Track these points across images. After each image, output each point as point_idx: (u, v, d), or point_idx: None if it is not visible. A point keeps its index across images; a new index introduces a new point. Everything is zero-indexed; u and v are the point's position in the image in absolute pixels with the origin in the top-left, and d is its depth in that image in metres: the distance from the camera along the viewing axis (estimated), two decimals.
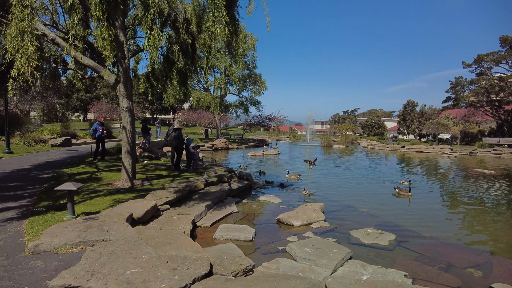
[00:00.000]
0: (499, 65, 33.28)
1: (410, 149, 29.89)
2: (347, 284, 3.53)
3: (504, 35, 32.55)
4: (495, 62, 32.96)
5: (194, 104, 31.96)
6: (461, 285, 4.23)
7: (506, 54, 32.13)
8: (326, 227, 6.55)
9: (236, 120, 45.81)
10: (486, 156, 25.90)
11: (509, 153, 25.35)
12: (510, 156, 24.81)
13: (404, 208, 8.68)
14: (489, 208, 8.63)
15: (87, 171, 9.72)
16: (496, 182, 12.93)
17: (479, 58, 33.93)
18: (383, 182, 12.57)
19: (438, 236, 6.27)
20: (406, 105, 45.43)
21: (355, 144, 38.65)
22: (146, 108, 56.09)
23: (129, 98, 8.03)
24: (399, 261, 4.96)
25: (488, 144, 29.74)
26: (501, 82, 32.53)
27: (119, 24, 7.47)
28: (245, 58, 29.96)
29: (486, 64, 33.84)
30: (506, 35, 32.37)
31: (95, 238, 4.20)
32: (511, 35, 31.96)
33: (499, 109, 34.38)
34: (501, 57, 32.37)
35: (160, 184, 8.51)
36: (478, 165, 19.37)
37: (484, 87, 33.45)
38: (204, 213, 6.79)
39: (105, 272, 3.27)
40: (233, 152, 25.52)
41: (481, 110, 35.26)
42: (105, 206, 6.02)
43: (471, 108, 36.45)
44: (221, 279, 3.45)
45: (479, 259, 5.22)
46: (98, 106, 37.57)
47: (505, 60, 32.55)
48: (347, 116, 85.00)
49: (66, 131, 18.67)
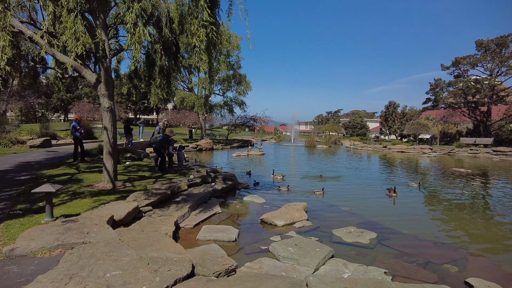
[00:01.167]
0: (475, 68, 34.49)
1: (392, 149, 30.56)
2: (329, 282, 3.58)
3: (479, 39, 33.78)
4: (471, 65, 34.14)
5: (178, 104, 31.65)
6: (437, 281, 4.36)
7: (481, 57, 33.33)
8: (309, 227, 6.63)
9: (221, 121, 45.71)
10: (463, 155, 26.76)
11: (485, 153, 26.29)
12: (485, 155, 25.74)
13: (385, 207, 8.87)
14: (466, 206, 8.92)
15: (68, 172, 9.48)
16: (472, 181, 13.39)
17: (457, 61, 35.08)
18: (365, 181, 12.81)
19: (417, 234, 6.43)
20: (388, 106, 46.40)
21: (338, 144, 39.18)
22: (129, 108, 55.18)
23: (110, 98, 7.89)
24: (380, 259, 5.07)
25: (465, 144, 30.74)
26: (477, 84, 33.71)
27: (100, 23, 7.34)
28: (229, 58, 29.92)
29: (463, 66, 35.02)
30: (481, 39, 33.59)
31: (74, 240, 4.11)
32: (486, 40, 33.19)
33: (476, 110, 35.60)
34: (476, 60, 33.56)
35: (142, 185, 8.40)
36: (456, 164, 19.99)
37: (461, 89, 34.58)
38: (187, 214, 6.75)
39: (84, 275, 3.21)
40: (218, 152, 25.43)
41: (459, 111, 36.43)
42: (85, 208, 5.90)
43: (450, 109, 37.64)
44: (203, 279, 3.45)
45: (455, 255, 5.40)
46: (79, 106, 36.74)
47: (481, 63, 33.76)
48: (330, 117, 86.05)
49: (46, 131, 18.10)
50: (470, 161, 22.72)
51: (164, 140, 10.91)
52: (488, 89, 33.01)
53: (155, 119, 71.87)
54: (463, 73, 35.52)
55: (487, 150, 26.93)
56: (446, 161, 22.55)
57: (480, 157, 25.53)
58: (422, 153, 28.13)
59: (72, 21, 5.53)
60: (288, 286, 3.46)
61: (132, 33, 5.94)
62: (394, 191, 9.85)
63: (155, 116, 70.35)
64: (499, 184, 12.91)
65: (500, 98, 35.86)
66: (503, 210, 8.45)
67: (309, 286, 3.48)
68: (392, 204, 9.15)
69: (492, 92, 33.15)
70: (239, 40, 28.83)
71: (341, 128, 56.27)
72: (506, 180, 14.09)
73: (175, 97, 30.53)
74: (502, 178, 14.54)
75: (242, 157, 21.53)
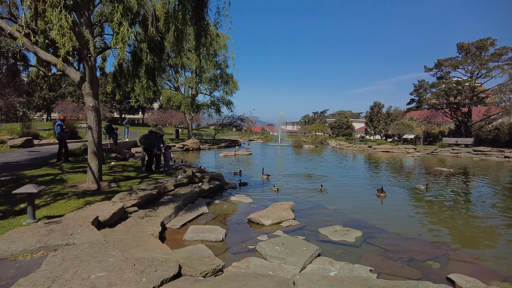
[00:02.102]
0: (456, 70, 35.43)
1: (377, 149, 31.08)
2: (315, 280, 3.62)
3: (460, 42, 34.72)
4: (453, 67, 35.07)
5: (164, 104, 31.32)
6: (421, 277, 4.47)
7: (462, 60, 34.27)
8: (295, 226, 6.69)
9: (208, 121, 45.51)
10: (445, 155, 27.44)
11: (466, 152, 27.04)
12: (467, 155, 26.47)
13: (371, 205, 9.01)
14: (448, 204, 9.16)
15: (51, 173, 9.26)
16: (454, 180, 13.76)
17: (439, 63, 35.96)
18: (351, 181, 12.99)
19: (401, 232, 6.57)
20: (373, 106, 47.17)
21: (324, 144, 39.57)
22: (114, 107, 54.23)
23: (95, 97, 7.76)
24: (365, 257, 5.16)
25: (447, 144, 31.53)
26: (458, 86, 34.65)
27: (85, 20, 7.20)
28: (216, 58, 29.79)
29: (445, 68, 35.92)
30: (462, 42, 34.55)
31: (57, 242, 4.02)
32: (466, 43, 34.16)
33: (457, 111, 36.57)
34: (458, 62, 34.48)
35: (128, 185, 8.29)
36: (438, 164, 20.50)
37: (443, 90, 35.46)
38: (173, 214, 6.70)
39: (68, 277, 3.15)
40: (205, 152, 25.30)
41: (442, 112, 37.33)
42: (69, 209, 5.78)
43: (433, 110, 38.53)
44: (190, 280, 3.44)
45: (437, 252, 5.54)
46: (63, 105, 35.91)
47: (462, 66, 34.71)
48: (317, 117, 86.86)
49: (28, 131, 17.60)
50: (452, 160, 23.33)
51: (153, 138, 10.79)
52: (468, 90, 33.97)
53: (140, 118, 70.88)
54: (445, 74, 36.45)
55: (468, 150, 27.71)
56: (429, 160, 23.08)
57: (462, 156, 26.24)
58: (406, 152, 28.72)
59: (57, 16, 5.40)
60: (275, 285, 3.48)
61: (116, 32, 5.86)
62: (382, 191, 10.00)
63: (140, 116, 69.36)
64: (479, 183, 13.32)
65: (480, 100, 36.94)
66: (482, 208, 8.72)
67: (296, 284, 3.51)
68: (378, 203, 9.31)
69: (473, 93, 34.13)
70: (226, 40, 28.75)
71: (327, 128, 56.88)
72: (485, 179, 14.55)
73: (161, 97, 30.19)
74: (482, 177, 15.01)
75: (229, 157, 21.50)
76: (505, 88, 31.28)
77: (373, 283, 3.57)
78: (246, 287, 3.39)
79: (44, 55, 7.41)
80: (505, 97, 31.65)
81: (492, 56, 32.21)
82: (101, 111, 24.57)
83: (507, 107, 30.85)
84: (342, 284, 3.51)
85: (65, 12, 5.40)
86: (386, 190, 10.19)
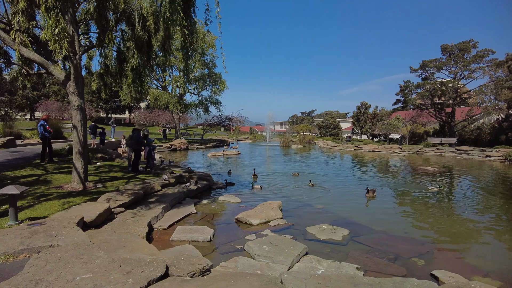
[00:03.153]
0: (440, 71, 36.30)
1: (363, 149, 31.51)
2: (303, 279, 3.65)
3: (444, 44, 35.59)
4: (437, 68, 35.91)
5: (152, 103, 30.96)
6: (406, 274, 4.56)
7: (446, 61, 35.12)
8: (283, 225, 6.72)
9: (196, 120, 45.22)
10: (430, 154, 28.03)
11: (450, 152, 27.69)
12: (450, 154, 27.11)
13: (358, 204, 9.13)
14: (432, 202, 9.37)
15: (34, 173, 9.05)
16: (438, 179, 14.08)
17: (424, 64, 36.74)
18: (339, 180, 13.13)
19: (388, 230, 6.68)
20: (359, 106, 47.75)
21: (312, 144, 39.86)
22: (100, 107, 53.30)
23: (80, 96, 7.62)
24: (352, 255, 5.23)
25: (432, 144, 32.21)
26: (442, 87, 35.48)
27: (70, 18, 7.06)
28: (204, 57, 29.62)
29: (430, 69, 36.74)
30: (446, 44, 35.41)
31: (41, 244, 3.94)
32: (450, 44, 35.01)
33: (441, 111, 37.44)
34: (442, 63, 35.33)
35: (114, 186, 8.17)
36: (423, 163, 20.92)
37: (428, 90, 36.27)
38: (161, 215, 6.65)
39: (52, 280, 3.09)
40: (193, 152, 25.15)
41: (426, 112, 38.17)
42: (54, 210, 5.66)
43: (418, 110, 39.33)
44: (177, 280, 3.42)
45: (422, 249, 5.67)
46: (47, 104, 35.15)
47: (445, 67, 35.58)
48: (304, 117, 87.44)
49: (10, 131, 17.15)
50: (436, 159, 23.85)
51: (138, 135, 10.67)
52: (452, 91, 34.83)
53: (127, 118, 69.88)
54: (430, 75, 37.27)
55: (451, 149, 28.37)
56: (414, 159, 23.54)
57: (446, 156, 26.85)
58: (392, 152, 29.21)
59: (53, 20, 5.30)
60: (263, 284, 3.49)
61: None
62: (371, 192, 9.97)
63: (127, 115, 68.37)
64: (462, 182, 13.67)
65: (463, 100, 37.93)
66: (465, 206, 8.95)
67: (283, 283, 3.53)
68: (365, 202, 9.43)
69: (456, 94, 35.02)
70: (214, 39, 28.60)
71: (315, 128, 57.32)
72: (468, 178, 14.93)
73: (148, 96, 29.82)
74: (465, 176, 15.40)
75: (218, 157, 21.43)
76: (486, 89, 32.23)
77: (359, 281, 3.62)
78: (233, 286, 3.39)
79: (27, 54, 7.24)
80: (486, 98, 32.61)
81: (474, 58, 33.14)
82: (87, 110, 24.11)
83: (488, 108, 31.76)
84: (329, 282, 3.55)
85: (61, 16, 5.30)
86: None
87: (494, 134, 31.75)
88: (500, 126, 31.75)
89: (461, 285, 3.51)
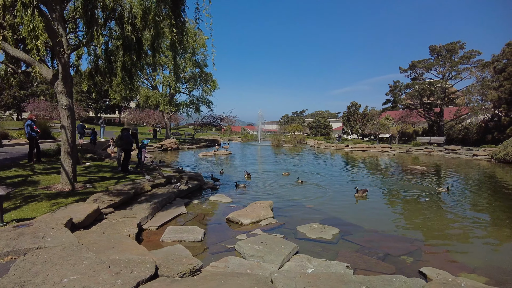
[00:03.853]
0: (429, 71, 36.89)
1: (354, 148, 31.79)
2: (293, 278, 3.67)
3: (432, 45, 36.22)
4: (426, 68, 36.48)
5: (142, 103, 30.67)
6: (395, 271, 4.62)
7: (434, 62, 35.71)
8: (274, 224, 6.74)
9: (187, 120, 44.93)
10: (419, 153, 28.44)
11: (438, 151, 28.14)
12: (439, 153, 27.54)
13: (348, 203, 9.20)
14: (421, 201, 9.51)
15: (22, 174, 8.88)
16: (427, 177, 14.30)
17: (413, 65, 37.29)
18: (329, 179, 13.22)
19: (377, 229, 6.75)
20: (350, 106, 48.19)
21: (303, 143, 40.00)
22: (90, 106, 52.51)
23: (68, 96, 7.51)
24: (342, 254, 5.27)
25: (421, 143, 32.71)
26: (431, 87, 36.07)
27: (57, 16, 6.95)
28: (195, 57, 29.47)
29: (419, 70, 37.31)
30: (434, 45, 36.04)
31: (27, 246, 3.87)
32: (438, 45, 35.60)
33: (430, 111, 38.05)
34: (430, 64, 35.91)
35: (103, 186, 8.08)
36: (413, 162, 21.21)
37: (417, 91, 36.81)
38: (150, 215, 6.59)
39: (38, 282, 3.04)
40: (184, 152, 25.00)
41: (416, 112, 38.73)
42: (41, 211, 5.57)
43: (407, 110, 39.89)
44: (167, 280, 3.40)
45: (411, 247, 5.74)
46: (34, 104, 34.56)
47: (434, 67, 36.17)
48: (295, 117, 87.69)
49: None
50: (425, 159, 24.20)
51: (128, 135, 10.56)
52: (440, 91, 35.42)
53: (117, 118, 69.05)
54: (419, 76, 37.83)
55: (440, 149, 28.84)
56: (404, 159, 23.84)
57: (434, 155, 27.28)
58: (382, 151, 29.53)
59: (29, 18, 5.17)
60: (253, 283, 3.50)
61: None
62: (361, 192, 9.95)
63: (117, 115, 67.54)
64: (449, 180, 13.90)
65: (451, 100, 38.60)
66: (453, 204, 9.10)
67: (274, 282, 3.54)
68: (355, 201, 9.51)
69: (444, 94, 35.62)
70: (205, 39, 28.48)
71: (306, 128, 57.58)
72: (455, 176, 15.20)
73: (138, 95, 29.55)
74: (453, 174, 15.67)
75: (209, 157, 21.35)
76: (473, 90, 32.92)
77: (349, 279, 3.66)
78: (223, 286, 3.39)
79: (12, 51, 7.10)
80: (473, 98, 33.32)
81: (461, 59, 33.78)
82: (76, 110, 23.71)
83: (475, 108, 32.44)
84: (319, 281, 3.58)
85: (37, 13, 5.18)
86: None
87: (480, 133, 32.39)
88: (487, 125, 32.42)
89: (448, 281, 3.57)
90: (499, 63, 30.99)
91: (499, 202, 9.36)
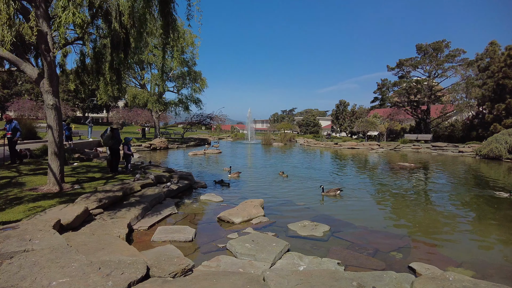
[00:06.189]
0: (416, 69, 37.49)
1: (343, 146, 32.07)
2: (285, 275, 3.69)
3: (419, 43, 36.78)
4: (413, 66, 37.07)
5: (130, 102, 30.29)
6: (385, 267, 4.69)
7: (421, 60, 36.29)
8: (265, 222, 6.76)
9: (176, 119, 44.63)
10: (407, 150, 28.89)
11: (425, 148, 28.65)
12: (426, 150, 28.04)
13: (338, 201, 9.28)
14: (410, 197, 9.67)
15: (6, 175, 8.67)
16: (415, 174, 14.55)
17: (400, 63, 37.84)
18: (319, 177, 13.30)
19: (367, 225, 6.83)
20: (338, 105, 48.67)
21: (293, 142, 40.16)
22: (77, 106, 51.57)
23: (55, 95, 7.35)
24: (333, 250, 5.32)
25: (409, 140, 33.24)
26: (418, 85, 36.70)
27: (41, 13, 6.79)
28: (184, 55, 29.25)
29: (406, 68, 37.90)
30: (421, 44, 36.62)
31: (13, 249, 3.78)
32: (424, 44, 36.20)
33: (417, 108, 38.71)
34: (417, 62, 36.49)
35: (92, 187, 7.96)
36: (401, 159, 21.54)
37: (405, 89, 37.40)
38: (140, 216, 6.53)
39: (26, 286, 2.97)
40: (173, 151, 24.79)
41: (403, 110, 39.35)
42: (28, 213, 5.46)
43: (395, 107, 40.50)
44: (159, 281, 3.38)
45: (400, 243, 5.83)
46: (19, 103, 33.67)
47: (421, 66, 36.77)
48: (285, 115, 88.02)
49: None
50: (413, 155, 24.60)
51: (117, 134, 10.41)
52: (427, 89, 36.06)
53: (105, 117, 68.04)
54: (406, 74, 38.44)
55: (427, 146, 29.35)
56: (392, 156, 24.19)
57: (422, 152, 27.75)
58: (370, 149, 29.89)
59: None
60: (245, 282, 3.50)
61: None
62: (332, 191, 9.75)
63: (105, 115, 66.54)
64: (437, 177, 14.17)
65: (437, 98, 39.34)
66: (440, 200, 9.30)
67: (266, 280, 3.56)
68: (344, 198, 9.59)
69: (431, 92, 36.27)
70: (194, 38, 28.29)
71: (296, 126, 57.80)
72: (442, 172, 15.51)
73: (126, 94, 29.16)
74: (440, 171, 15.99)
75: (199, 156, 21.24)
76: (458, 88, 33.62)
77: (340, 276, 3.70)
78: (216, 285, 3.38)
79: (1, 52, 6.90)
80: (458, 96, 34.04)
81: (447, 57, 34.44)
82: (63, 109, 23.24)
83: (460, 105, 33.18)
84: (311, 278, 3.60)
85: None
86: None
87: (466, 130, 33.10)
88: (472, 123, 33.15)
89: (436, 276, 3.65)
90: (482, 61, 31.76)
91: (484, 198, 9.59)
